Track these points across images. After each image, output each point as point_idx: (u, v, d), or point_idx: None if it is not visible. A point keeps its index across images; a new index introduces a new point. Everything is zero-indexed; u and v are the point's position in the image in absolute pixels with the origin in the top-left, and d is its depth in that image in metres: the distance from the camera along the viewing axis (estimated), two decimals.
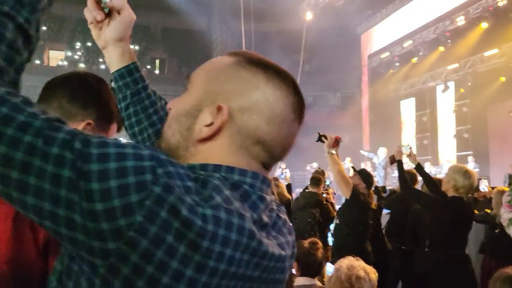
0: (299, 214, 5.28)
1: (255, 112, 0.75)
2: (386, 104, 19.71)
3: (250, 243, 0.66)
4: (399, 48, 17.87)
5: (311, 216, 5.17)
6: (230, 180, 0.71)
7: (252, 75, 0.79)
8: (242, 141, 0.75)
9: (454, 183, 3.51)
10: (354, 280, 2.12)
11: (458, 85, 15.91)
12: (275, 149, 0.80)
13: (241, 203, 0.68)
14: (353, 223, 4.10)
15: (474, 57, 14.81)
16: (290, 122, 0.80)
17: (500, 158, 13.77)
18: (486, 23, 13.66)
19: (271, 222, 0.74)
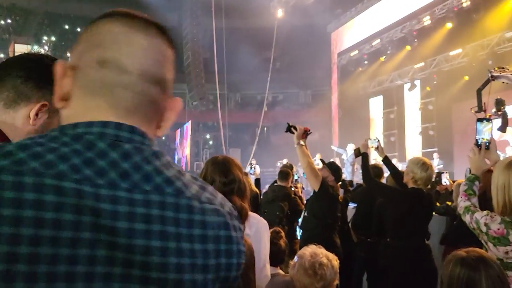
0: (267, 208, 5.33)
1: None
2: (355, 102, 20.02)
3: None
4: (368, 46, 18.18)
5: (280, 209, 5.22)
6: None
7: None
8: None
9: (412, 175, 3.63)
10: (317, 267, 2.18)
11: (424, 83, 16.32)
12: None
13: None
14: (321, 215, 4.13)
15: (440, 57, 15.23)
16: None
17: (463, 154, 14.21)
18: (450, 23, 14.05)
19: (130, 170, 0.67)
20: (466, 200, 2.29)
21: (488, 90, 6.94)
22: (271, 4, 18.90)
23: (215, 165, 2.23)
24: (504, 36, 12.73)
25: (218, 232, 0.71)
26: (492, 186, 2.14)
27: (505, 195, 2.06)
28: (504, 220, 2.03)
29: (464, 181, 2.39)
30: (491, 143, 2.38)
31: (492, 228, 2.04)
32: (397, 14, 16.32)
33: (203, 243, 0.69)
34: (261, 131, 20.60)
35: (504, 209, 2.07)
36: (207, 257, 0.69)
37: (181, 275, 0.66)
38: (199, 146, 21.60)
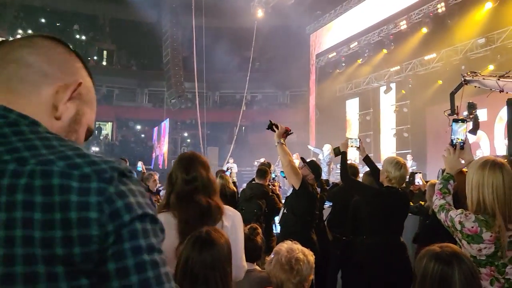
0: (245, 205, 5.37)
1: None
2: (332, 103, 20.25)
3: None
4: (345, 48, 18.41)
5: (257, 207, 5.27)
6: None
7: None
8: None
9: (387, 174, 3.74)
10: (294, 262, 2.21)
11: (399, 86, 16.64)
12: None
13: None
14: (301, 212, 4.18)
15: (415, 60, 15.56)
16: None
17: (436, 156, 14.56)
18: (426, 28, 14.35)
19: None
20: (441, 198, 2.38)
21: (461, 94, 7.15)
22: (251, 4, 18.93)
23: (179, 162, 2.27)
24: (477, 42, 13.09)
25: (14, 197, 0.70)
26: (467, 185, 2.23)
27: (479, 194, 2.14)
28: (478, 218, 2.12)
29: (439, 180, 2.47)
30: (465, 143, 2.49)
31: (466, 226, 2.13)
32: (374, 18, 16.59)
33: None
34: (239, 130, 20.61)
35: (478, 207, 2.16)
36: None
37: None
38: (177, 144, 21.46)
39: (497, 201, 2.09)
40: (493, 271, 2.12)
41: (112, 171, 0.74)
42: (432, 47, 14.58)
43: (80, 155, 0.74)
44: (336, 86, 20.30)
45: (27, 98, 0.82)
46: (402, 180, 3.78)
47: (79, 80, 0.88)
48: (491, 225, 2.09)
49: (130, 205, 0.74)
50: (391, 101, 17.26)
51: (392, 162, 3.77)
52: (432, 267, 1.66)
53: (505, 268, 2.11)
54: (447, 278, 1.63)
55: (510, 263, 2.11)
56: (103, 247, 0.71)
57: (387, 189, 3.77)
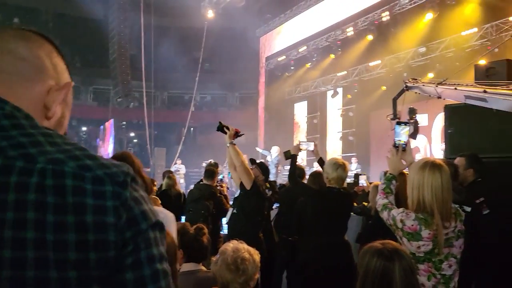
0: (193, 206, 5.31)
1: None
2: (281, 106, 20.53)
3: None
4: (295, 52, 18.71)
5: (205, 208, 5.22)
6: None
7: None
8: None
9: (326, 175, 3.85)
10: (240, 262, 2.21)
11: (345, 91, 17.13)
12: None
13: None
14: (252, 212, 4.20)
15: (361, 66, 16.07)
16: None
17: (379, 158, 15.09)
18: (371, 36, 14.86)
19: None
20: (384, 198, 2.46)
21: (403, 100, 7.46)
22: (202, 4, 18.81)
23: None
24: (418, 51, 13.71)
25: (25, 196, 0.66)
26: (408, 185, 2.32)
27: (419, 193, 2.24)
28: (417, 217, 2.22)
29: (383, 180, 2.56)
30: (407, 145, 2.59)
31: (407, 224, 2.22)
32: (323, 23, 16.98)
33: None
34: (187, 131, 20.40)
35: (418, 206, 2.25)
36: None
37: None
38: (123, 144, 20.91)
39: (435, 200, 2.19)
40: (430, 267, 2.21)
41: (124, 175, 0.72)
42: (377, 54, 15.12)
43: (89, 157, 0.71)
44: (285, 89, 20.58)
45: (19, 92, 0.78)
46: (341, 181, 3.86)
47: (71, 83, 0.87)
48: (429, 223, 2.18)
49: (146, 213, 0.73)
50: (338, 105, 17.73)
51: (330, 163, 3.90)
52: (375, 263, 1.71)
53: (442, 264, 2.21)
54: (389, 273, 1.69)
55: (446, 259, 2.22)
56: (121, 254, 0.69)
57: (328, 189, 3.87)
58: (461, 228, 2.28)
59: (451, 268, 2.23)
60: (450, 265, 2.22)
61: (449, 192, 2.22)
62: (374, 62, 15.42)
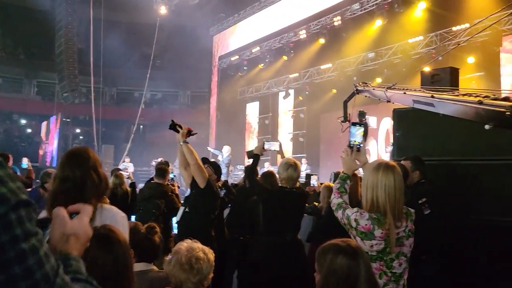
0: (143, 205, 5.20)
1: None
2: (233, 105, 20.52)
3: None
4: (248, 52, 18.74)
5: (156, 207, 5.12)
6: None
7: None
8: None
9: (278, 175, 3.90)
10: (194, 262, 2.17)
11: (297, 93, 17.39)
12: None
13: None
14: (205, 211, 4.17)
15: (312, 69, 16.35)
16: None
17: (328, 160, 15.44)
18: (323, 39, 15.15)
19: None
20: (338, 197, 2.50)
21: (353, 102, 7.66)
22: (154, 0, 18.46)
23: (60, 159, 2.16)
24: (367, 56, 14.14)
25: None
26: (362, 185, 2.37)
27: (373, 193, 2.29)
28: (371, 216, 2.27)
29: (337, 180, 2.60)
30: (361, 146, 2.65)
31: (361, 223, 2.27)
32: (276, 25, 17.12)
33: None
34: (137, 128, 19.94)
35: (371, 206, 2.30)
36: None
37: None
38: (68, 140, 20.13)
39: (388, 201, 2.25)
40: (382, 265, 2.27)
41: None
42: (328, 57, 15.44)
43: None
44: (237, 89, 20.59)
45: None
46: (291, 181, 3.90)
47: None
48: (382, 223, 2.24)
49: (3, 196, 0.73)
50: (289, 106, 17.95)
51: (281, 163, 3.96)
52: (339, 262, 1.70)
53: (393, 262, 2.28)
54: (355, 271, 1.69)
55: (397, 258, 2.28)
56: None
57: (280, 189, 3.91)
58: (412, 227, 2.36)
59: (401, 266, 2.30)
60: (400, 263, 2.29)
61: (401, 192, 2.29)
62: (325, 65, 15.75)
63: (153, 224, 2.91)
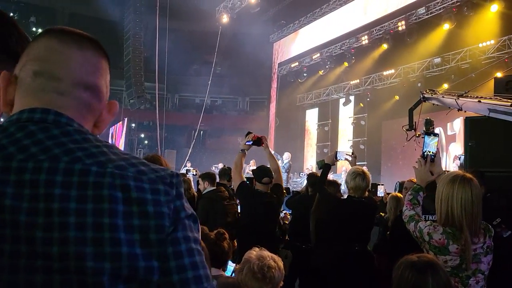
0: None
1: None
2: (292, 112, 20.51)
3: None
4: (308, 59, 18.69)
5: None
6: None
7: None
8: None
9: (347, 184, 3.82)
10: (266, 270, 2.18)
11: (358, 99, 17.08)
12: None
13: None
14: None
15: (374, 75, 16.01)
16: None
17: (389, 168, 15.03)
18: (386, 45, 14.81)
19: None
20: (411, 209, 2.42)
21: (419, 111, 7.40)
22: (217, 9, 18.89)
23: None
24: (433, 61, 13.64)
25: (101, 192, 0.80)
26: (436, 198, 2.28)
27: (448, 207, 2.20)
28: (445, 231, 2.17)
29: (410, 191, 2.52)
30: (436, 156, 2.55)
31: (434, 238, 2.18)
32: (337, 31, 16.96)
33: (87, 202, 0.79)
34: (197, 134, 20.44)
35: (446, 220, 2.21)
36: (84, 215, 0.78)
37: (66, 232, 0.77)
38: (133, 145, 20.98)
39: (465, 215, 2.15)
40: (457, 282, 2.17)
41: (170, 177, 0.88)
42: (391, 63, 15.07)
43: (143, 164, 0.88)
44: (296, 95, 20.57)
45: (86, 118, 0.94)
46: (359, 190, 3.82)
47: (116, 103, 1.00)
48: (457, 238, 2.14)
49: (184, 205, 0.89)
50: (350, 113, 17.66)
51: (349, 173, 3.89)
52: (407, 275, 1.68)
53: (469, 280, 2.17)
54: (420, 285, 1.65)
55: (473, 275, 2.17)
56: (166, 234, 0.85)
57: (348, 198, 3.84)
58: (490, 244, 2.24)
59: (478, 284, 2.19)
60: (477, 281, 2.18)
61: (479, 207, 2.18)
62: (388, 71, 15.37)
63: (222, 230, 2.95)
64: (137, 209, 0.81)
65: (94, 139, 0.88)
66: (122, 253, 0.78)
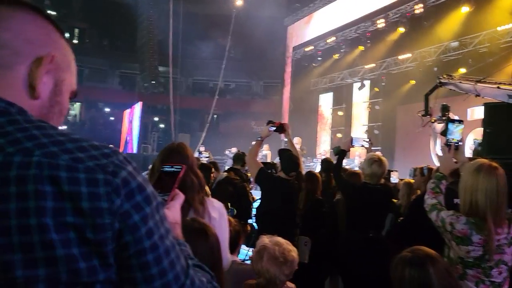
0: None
1: None
2: (306, 96, 20.38)
3: None
4: (322, 43, 18.48)
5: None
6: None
7: None
8: None
9: (363, 171, 3.80)
10: (287, 254, 2.21)
11: (373, 84, 16.87)
12: None
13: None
14: None
15: (389, 59, 15.78)
16: None
17: (404, 154, 14.91)
18: (403, 28, 14.55)
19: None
20: (433, 197, 2.39)
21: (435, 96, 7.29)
22: None
23: (160, 152, 2.25)
24: (450, 45, 13.38)
25: (25, 187, 0.70)
26: (460, 187, 2.25)
27: (472, 197, 2.17)
28: (469, 221, 2.15)
29: (432, 179, 2.49)
30: (460, 144, 2.51)
31: (457, 228, 2.15)
32: (353, 14, 16.69)
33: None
34: (211, 118, 20.47)
35: (470, 210, 2.18)
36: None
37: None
38: (148, 128, 21.11)
39: (489, 205, 2.12)
40: (479, 273, 2.15)
41: (113, 166, 0.77)
42: (407, 47, 14.81)
43: (80, 149, 0.76)
44: (310, 79, 20.40)
45: (4, 81, 0.79)
46: (375, 177, 3.80)
47: (52, 53, 0.84)
48: (481, 228, 2.11)
49: (147, 197, 0.80)
50: (364, 98, 17.49)
51: (366, 159, 3.87)
52: (408, 274, 1.67)
53: (491, 271, 2.15)
54: (425, 280, 1.65)
55: (496, 266, 2.15)
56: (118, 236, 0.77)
57: (363, 185, 3.83)
58: None
59: (501, 275, 2.16)
60: (500, 272, 2.16)
61: (504, 196, 2.14)
62: (404, 55, 15.13)
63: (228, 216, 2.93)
64: (70, 205, 0.71)
65: (24, 120, 0.76)
66: (58, 256, 0.70)
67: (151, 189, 0.81)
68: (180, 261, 0.82)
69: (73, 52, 0.94)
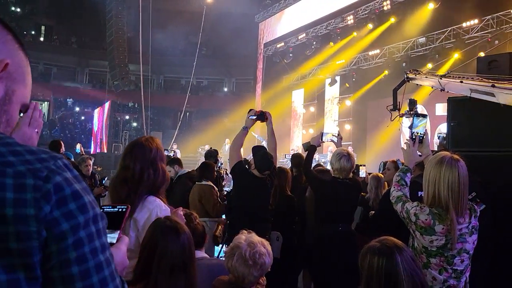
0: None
1: None
2: (278, 92, 20.46)
3: None
4: (294, 39, 18.59)
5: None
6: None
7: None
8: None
9: (331, 165, 3.86)
10: (258, 257, 2.18)
11: (343, 80, 17.09)
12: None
13: None
14: None
15: (359, 55, 16.02)
16: None
17: (374, 148, 15.18)
18: (371, 25, 14.78)
19: None
20: (398, 190, 2.46)
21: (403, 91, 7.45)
22: None
23: (125, 147, 2.26)
24: (418, 41, 13.68)
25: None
26: (424, 179, 2.32)
27: (435, 188, 2.24)
28: (432, 211, 2.22)
29: (397, 173, 2.56)
30: (424, 138, 2.59)
31: (421, 218, 2.23)
32: (323, 11, 16.86)
33: None
34: (184, 115, 20.32)
35: (433, 201, 2.25)
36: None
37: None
38: (119, 127, 20.80)
39: (451, 196, 2.19)
40: (442, 261, 2.23)
41: (48, 171, 0.73)
42: (376, 43, 15.07)
43: (13, 153, 0.73)
44: (282, 76, 20.50)
45: None
46: (344, 171, 3.83)
47: (6, 60, 0.82)
48: (443, 218, 2.19)
49: (83, 207, 0.77)
50: (335, 93, 17.70)
51: (334, 154, 3.91)
52: (377, 262, 1.72)
53: (454, 259, 2.23)
54: (393, 269, 1.70)
55: (458, 254, 2.23)
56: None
57: (333, 179, 3.88)
58: (475, 224, 2.30)
59: (463, 263, 2.25)
60: (462, 260, 2.24)
61: (465, 187, 2.22)
62: (373, 51, 15.38)
63: (189, 212, 2.89)
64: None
65: None
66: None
67: (90, 199, 0.77)
68: (115, 282, 0.77)
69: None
